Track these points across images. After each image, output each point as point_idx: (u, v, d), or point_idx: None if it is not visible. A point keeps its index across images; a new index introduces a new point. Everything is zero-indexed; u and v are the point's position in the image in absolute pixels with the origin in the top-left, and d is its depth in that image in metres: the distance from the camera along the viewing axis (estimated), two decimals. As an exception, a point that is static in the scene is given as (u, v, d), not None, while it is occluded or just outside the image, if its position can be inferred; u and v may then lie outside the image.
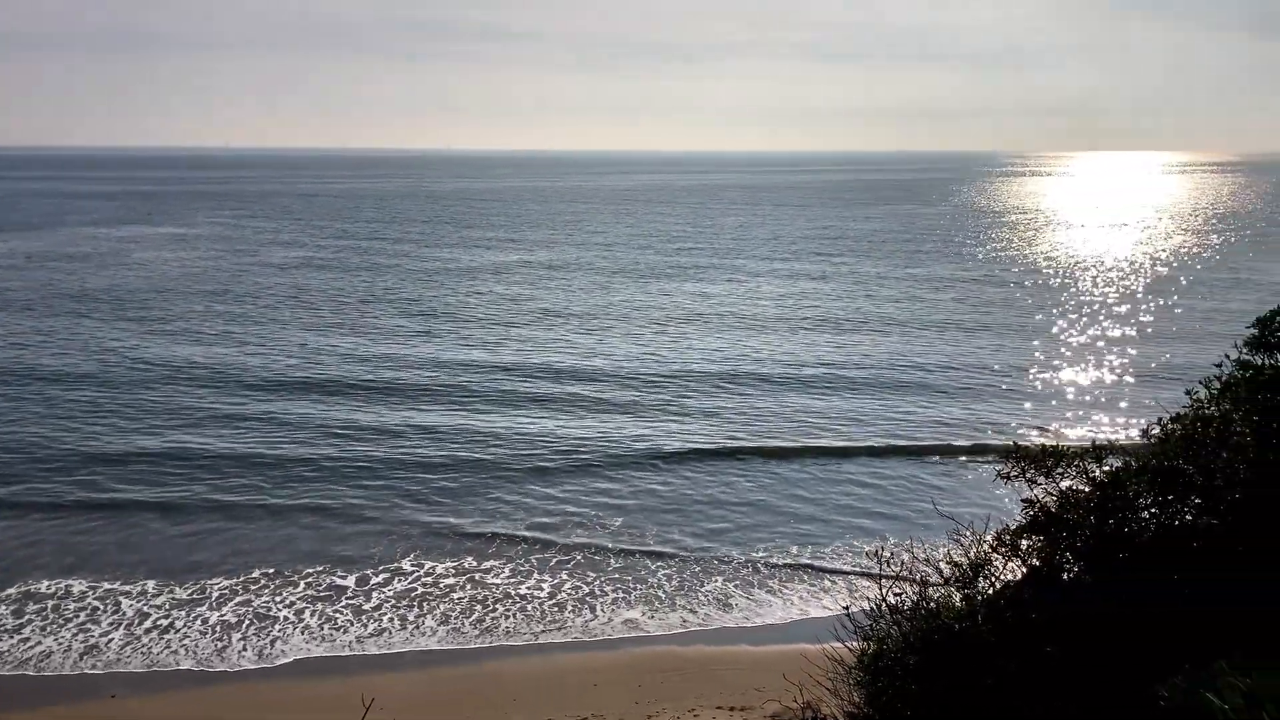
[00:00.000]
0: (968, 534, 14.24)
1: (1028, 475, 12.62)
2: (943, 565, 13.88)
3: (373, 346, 56.96)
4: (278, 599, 26.62)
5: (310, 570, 28.27)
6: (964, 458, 37.95)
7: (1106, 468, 12.55)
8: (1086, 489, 12.42)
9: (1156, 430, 12.79)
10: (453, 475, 36.04)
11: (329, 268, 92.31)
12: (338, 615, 25.91)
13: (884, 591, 13.25)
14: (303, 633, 24.97)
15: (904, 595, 13.80)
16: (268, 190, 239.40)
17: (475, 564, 29.01)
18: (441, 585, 27.68)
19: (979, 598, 13.24)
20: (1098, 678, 10.82)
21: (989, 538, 13.67)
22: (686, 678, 23.22)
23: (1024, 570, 13.29)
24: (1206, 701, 6.99)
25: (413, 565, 28.87)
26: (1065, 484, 12.68)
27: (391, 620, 25.64)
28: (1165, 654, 10.03)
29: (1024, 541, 13.07)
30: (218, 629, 25.05)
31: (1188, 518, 12.16)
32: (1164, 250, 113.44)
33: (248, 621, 25.42)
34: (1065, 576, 12.71)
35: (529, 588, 27.63)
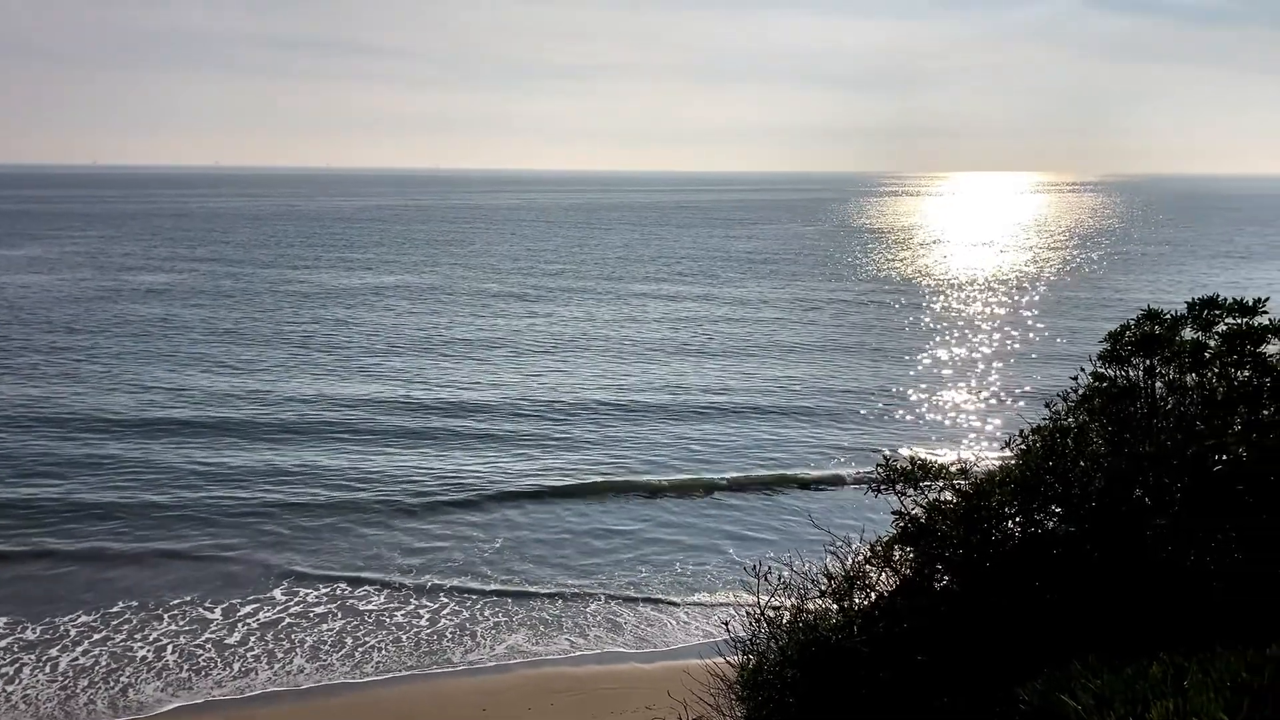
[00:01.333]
0: (844, 548, 14.53)
1: (898, 488, 12.92)
2: (820, 579, 14.12)
3: (240, 381, 53.98)
4: (138, 639, 25.53)
5: (171, 616, 27.02)
6: (844, 475, 38.68)
7: (972, 479, 12.94)
8: (954, 500, 12.78)
9: (1019, 442, 13.24)
10: (320, 516, 34.50)
11: (199, 293, 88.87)
12: (199, 653, 24.97)
13: (762, 607, 13.40)
14: (161, 677, 23.91)
15: (782, 610, 14.00)
16: (136, 210, 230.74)
17: (348, 599, 28.27)
18: (312, 615, 27.01)
19: (854, 609, 13.51)
20: (965, 683, 11.13)
21: (865, 550, 13.97)
22: (577, 698, 23.10)
23: (897, 581, 13.61)
24: (1060, 703, 7.25)
25: (284, 596, 28.11)
26: (934, 496, 13.03)
27: (259, 657, 24.81)
28: (1028, 657, 10.36)
29: (896, 553, 13.39)
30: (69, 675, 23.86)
31: (1049, 525, 12.62)
32: (1031, 269, 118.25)
33: (102, 668, 24.27)
34: (936, 586, 13.06)
35: (406, 615, 27.18)
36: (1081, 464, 12.49)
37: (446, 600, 28.03)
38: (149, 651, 24.88)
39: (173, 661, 24.48)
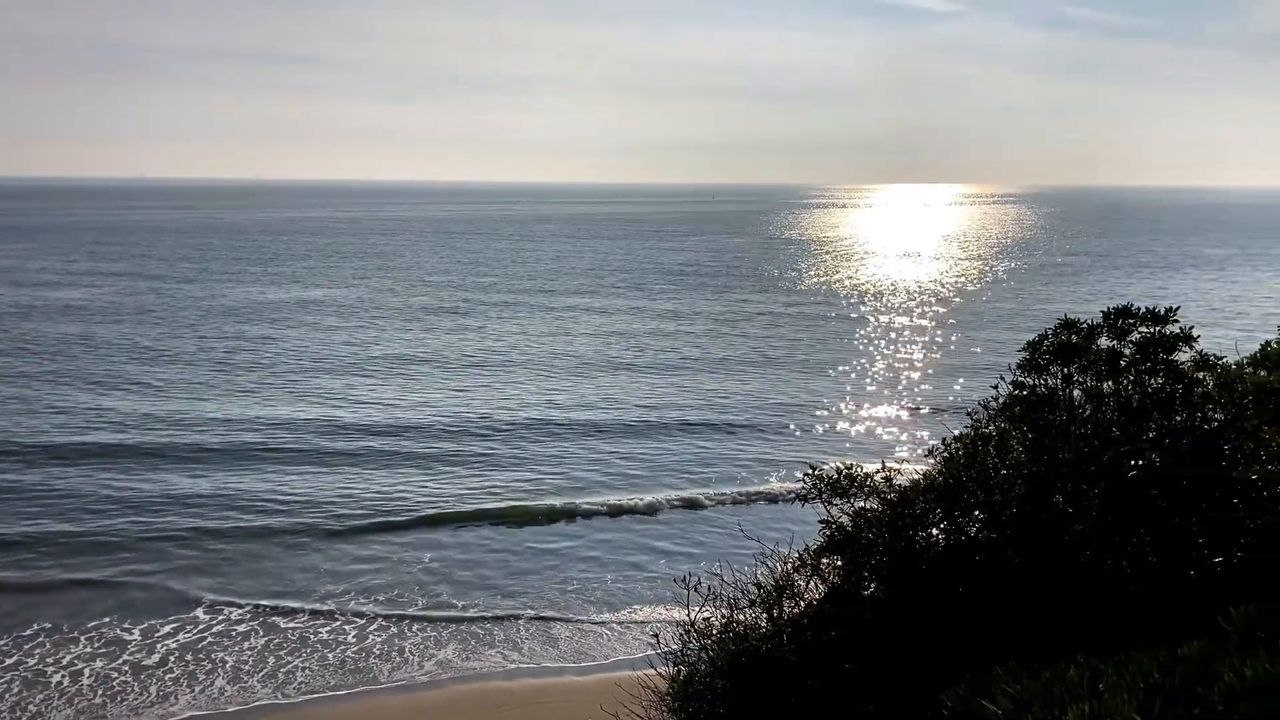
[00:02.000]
0: (775, 557, 14.61)
1: (824, 498, 13.02)
2: (750, 589, 14.17)
3: (159, 403, 52.08)
4: (50, 664, 24.73)
5: (89, 639, 26.25)
6: (775, 488, 38.85)
7: (897, 488, 13.09)
8: (879, 508, 12.92)
9: (942, 450, 13.43)
10: (241, 541, 33.67)
11: (118, 310, 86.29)
12: (115, 677, 24.28)
13: (692, 618, 13.40)
14: (73, 704, 23.22)
15: (712, 620, 14.02)
16: (57, 223, 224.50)
17: (270, 619, 27.72)
18: (234, 634, 26.46)
19: (784, 618, 13.58)
20: (893, 690, 11.23)
21: (794, 560, 14.06)
22: (513, 711, 22.92)
23: (826, 589, 13.71)
24: (980, 708, 7.34)
25: (206, 616, 27.47)
26: (860, 504, 13.16)
27: (179, 680, 24.21)
28: (954, 663, 10.49)
29: (824, 562, 13.49)
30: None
31: (972, 532, 12.81)
32: (955, 279, 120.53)
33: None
34: (864, 593, 13.18)
35: (330, 633, 26.76)
36: (1003, 471, 12.71)
37: (372, 621, 27.64)
38: (63, 677, 24.11)
39: (88, 687, 23.76)
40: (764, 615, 13.74)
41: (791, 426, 49.06)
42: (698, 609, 14.04)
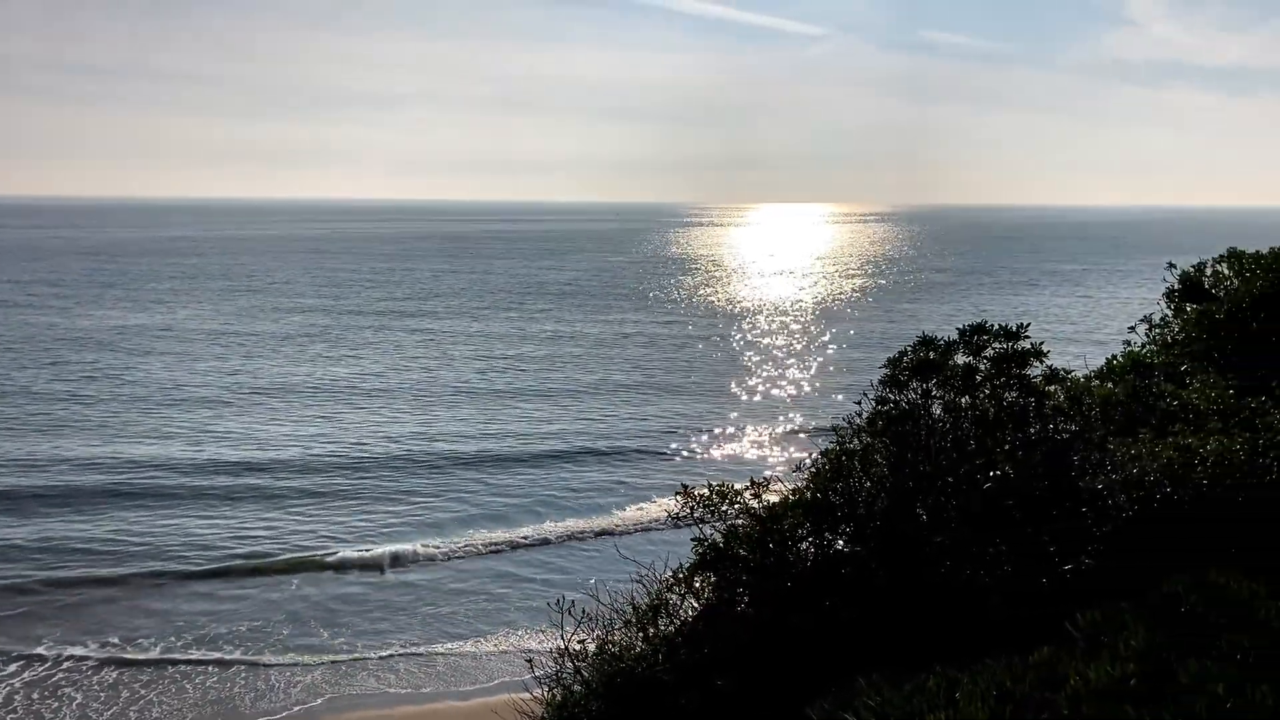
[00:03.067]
0: (650, 577, 14.62)
1: (697, 515, 13.10)
2: (626, 609, 14.15)
3: (5, 443, 48.26)
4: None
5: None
6: (652, 508, 38.74)
7: (767, 504, 13.26)
8: (750, 524, 13.07)
9: (810, 466, 13.67)
10: (86, 589, 31.78)
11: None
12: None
13: (566, 641, 13.31)
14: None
15: (587, 642, 13.94)
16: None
17: (122, 656, 26.42)
18: (84, 668, 25.22)
19: (658, 638, 13.59)
20: (765, 705, 11.34)
21: (669, 578, 14.09)
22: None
23: (699, 607, 13.78)
24: (842, 722, 7.46)
25: (50, 661, 26.07)
26: (732, 521, 13.28)
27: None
28: (824, 676, 10.65)
29: (698, 579, 13.57)
30: None
31: (839, 546, 13.06)
32: (830, 297, 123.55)
33: None
34: (737, 610, 13.30)
35: (189, 666, 25.75)
36: (867, 485, 13.01)
37: (235, 660, 26.49)
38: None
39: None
40: (639, 635, 13.74)
41: (669, 450, 49.11)
42: (572, 631, 13.96)
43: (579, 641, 14.02)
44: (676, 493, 13.32)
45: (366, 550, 35.18)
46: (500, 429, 52.80)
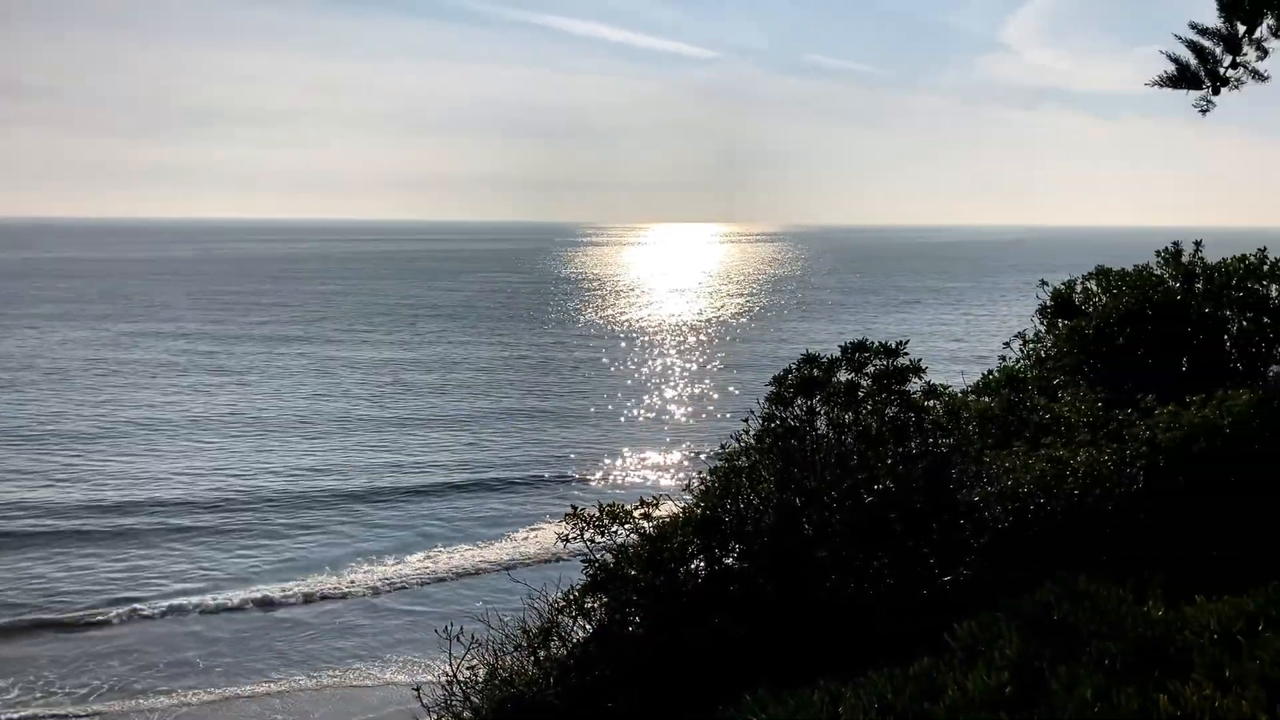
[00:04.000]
0: (542, 600, 14.48)
1: (586, 536, 13.04)
2: (517, 633, 13.98)
3: None
4: None
5: None
6: (544, 531, 38.19)
7: (657, 522, 13.28)
8: (640, 543, 13.06)
9: (699, 484, 13.75)
10: None
11: None
12: None
13: (455, 668, 13.09)
14: None
15: (477, 668, 13.73)
16: None
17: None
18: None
19: (550, 661, 13.46)
20: (656, 726, 11.32)
21: (559, 600, 13.98)
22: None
23: (591, 628, 13.70)
24: (727, 740, 7.48)
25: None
26: (621, 540, 13.25)
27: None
28: (711, 693, 10.67)
29: (589, 601, 13.49)
30: None
31: (728, 562, 13.15)
32: (721, 317, 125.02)
33: None
34: (630, 630, 13.26)
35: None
36: (755, 501, 13.14)
37: (99, 713, 25.16)
38: None
39: None
40: (530, 659, 13.59)
41: (562, 475, 48.24)
42: (461, 658, 13.72)
43: (469, 668, 13.80)
44: (566, 515, 13.25)
45: (251, 589, 33.88)
46: (390, 460, 50.94)
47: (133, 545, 37.79)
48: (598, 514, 13.46)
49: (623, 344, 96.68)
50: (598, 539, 13.35)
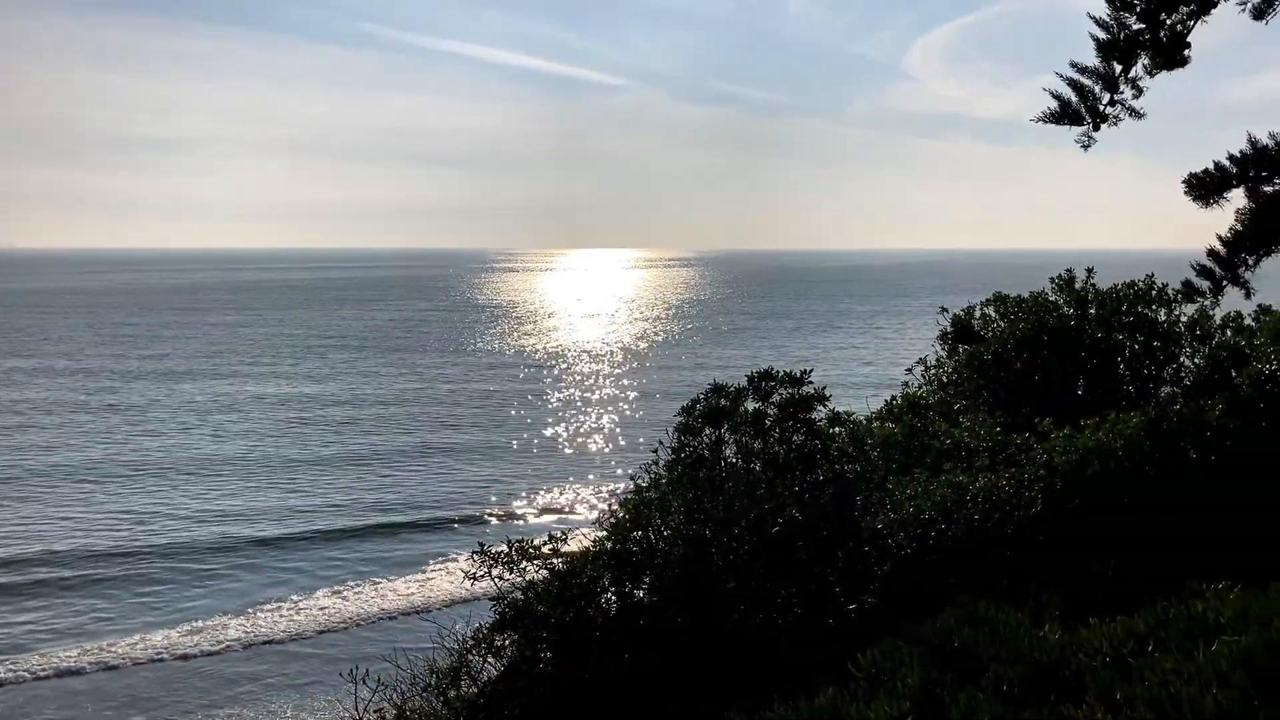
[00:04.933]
0: (452, 638, 14.24)
1: (494, 574, 12.88)
2: (426, 673, 13.73)
3: None
4: None
5: None
6: (454, 570, 37.30)
7: (567, 557, 13.17)
8: (549, 579, 12.94)
9: (609, 517, 13.69)
10: None
11: None
12: None
13: (361, 711, 12.79)
14: None
15: (385, 710, 13.44)
16: None
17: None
18: None
19: (459, 701, 13.24)
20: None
21: (469, 640, 13.76)
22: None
23: (502, 666, 13.51)
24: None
25: None
26: (531, 577, 13.12)
27: None
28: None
29: (498, 639, 13.31)
30: None
31: (640, 595, 13.10)
32: (639, 343, 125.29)
33: None
34: (540, 667, 13.10)
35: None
36: (665, 532, 13.13)
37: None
38: None
39: None
40: (439, 700, 13.35)
41: (477, 513, 46.62)
42: (368, 700, 13.42)
43: (376, 711, 13.50)
44: (473, 552, 13.08)
45: (150, 640, 32.40)
46: (295, 503, 48.55)
47: (22, 599, 35.86)
48: (506, 550, 13.33)
49: (537, 373, 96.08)
50: (506, 576, 13.21)
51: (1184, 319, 19.24)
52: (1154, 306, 19.48)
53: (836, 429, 13.90)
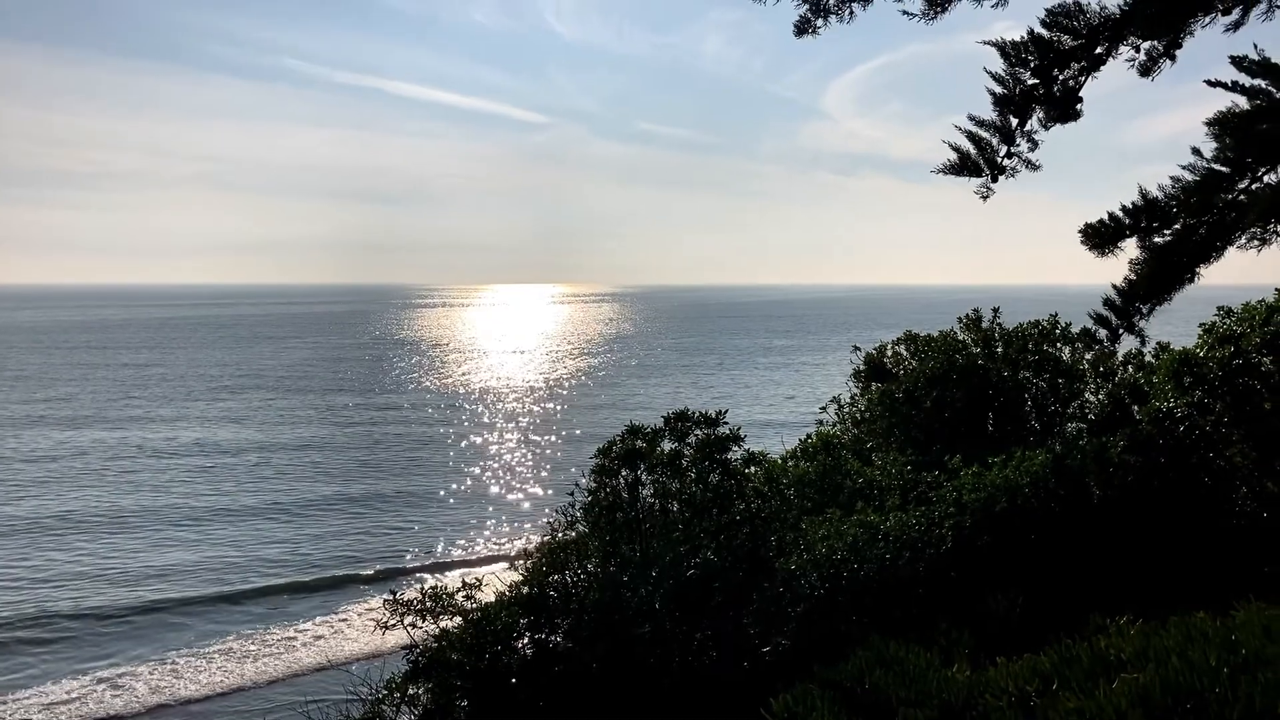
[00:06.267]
0: (366, 690, 13.92)
1: (407, 622, 12.66)
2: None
3: None
4: None
5: None
6: (367, 615, 36.26)
7: (481, 604, 13.01)
8: (464, 626, 12.76)
9: (524, 561, 13.56)
10: None
11: None
12: None
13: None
14: None
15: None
16: None
17: None
18: None
19: (373, 754, 12.95)
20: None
21: (382, 689, 13.48)
22: None
23: (416, 716, 13.25)
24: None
25: None
26: (444, 625, 12.92)
27: None
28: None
29: (412, 688, 13.06)
30: None
31: (556, 639, 12.97)
32: (559, 378, 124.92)
33: None
34: (455, 716, 12.88)
35: None
36: (581, 576, 13.05)
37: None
38: None
39: None
40: (351, 753, 13.06)
41: (395, 563, 44.93)
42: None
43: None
44: (385, 600, 12.84)
45: (49, 706, 30.90)
46: (202, 557, 46.21)
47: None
48: (420, 598, 13.11)
49: (456, 414, 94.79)
50: (420, 624, 12.99)
51: (1088, 356, 19.84)
52: (1058, 345, 20.06)
53: (752, 468, 14.00)
